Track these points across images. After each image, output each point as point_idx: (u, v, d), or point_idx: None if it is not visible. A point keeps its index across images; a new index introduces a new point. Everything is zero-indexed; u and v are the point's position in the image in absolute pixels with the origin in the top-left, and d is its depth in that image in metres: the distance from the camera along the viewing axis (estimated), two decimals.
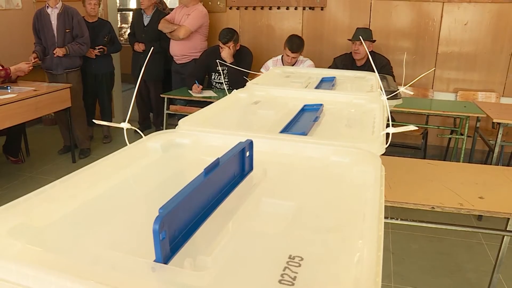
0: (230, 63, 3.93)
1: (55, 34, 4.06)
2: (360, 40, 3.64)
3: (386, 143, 0.87)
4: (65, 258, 0.48)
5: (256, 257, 0.51)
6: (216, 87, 4.26)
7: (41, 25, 4.07)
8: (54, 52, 4.03)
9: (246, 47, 4.29)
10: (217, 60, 3.74)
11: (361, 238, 0.52)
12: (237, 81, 3.83)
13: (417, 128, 0.86)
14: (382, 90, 1.22)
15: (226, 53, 3.94)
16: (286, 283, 0.46)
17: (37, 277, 0.45)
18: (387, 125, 0.92)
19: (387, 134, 0.88)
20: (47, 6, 4.06)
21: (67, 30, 4.08)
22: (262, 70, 3.89)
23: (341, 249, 0.52)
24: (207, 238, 0.54)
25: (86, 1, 4.35)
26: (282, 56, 3.87)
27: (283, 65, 3.88)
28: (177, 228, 0.52)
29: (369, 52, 3.86)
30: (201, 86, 4.03)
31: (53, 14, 4.06)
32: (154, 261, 0.48)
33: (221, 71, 4.07)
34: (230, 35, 3.98)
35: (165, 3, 5.53)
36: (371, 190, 0.65)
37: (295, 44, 3.73)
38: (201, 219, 0.57)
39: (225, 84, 4.12)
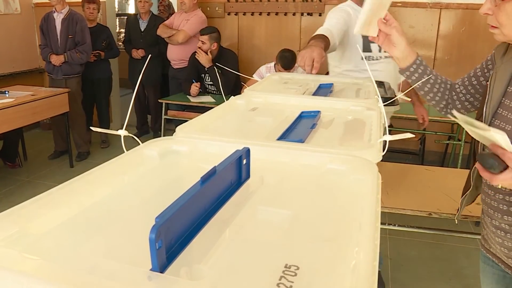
0: (208, 68, 4.02)
1: (58, 39, 4.08)
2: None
3: (383, 151, 0.87)
4: (61, 266, 0.48)
5: (252, 266, 0.52)
6: (209, 89, 4.30)
7: (47, 29, 4.10)
8: (51, 60, 4.04)
9: (230, 50, 4.33)
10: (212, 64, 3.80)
11: (356, 247, 0.52)
12: (225, 85, 3.89)
13: (414, 136, 0.86)
14: (378, 97, 1.22)
15: (203, 58, 4.02)
16: None
17: (33, 286, 0.45)
18: (384, 132, 0.92)
19: (384, 141, 0.88)
20: (54, 11, 4.08)
21: (69, 36, 4.10)
22: (254, 76, 3.91)
23: (337, 258, 0.52)
24: (204, 247, 0.54)
25: (85, 5, 4.36)
26: (275, 64, 3.88)
27: (276, 72, 3.90)
28: (173, 237, 0.52)
29: None
30: (198, 84, 4.08)
31: (58, 19, 4.09)
32: (151, 270, 0.48)
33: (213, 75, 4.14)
34: (208, 29, 4.12)
35: (173, 8, 5.56)
36: (367, 198, 0.65)
37: (288, 62, 3.72)
38: (197, 228, 0.58)
39: (210, 86, 4.21)
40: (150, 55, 4.13)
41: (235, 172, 0.72)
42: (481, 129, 0.84)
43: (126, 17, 7.69)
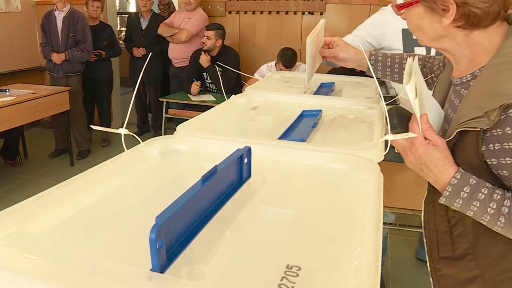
0: (207, 67, 4.04)
1: (59, 38, 4.08)
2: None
3: (385, 150, 0.87)
4: (61, 266, 0.48)
5: (253, 267, 0.51)
6: (210, 88, 4.30)
7: (48, 27, 4.09)
8: (52, 58, 4.04)
9: (232, 48, 4.32)
10: (215, 63, 3.79)
11: (359, 247, 0.51)
12: (226, 83, 3.89)
13: (416, 135, 0.86)
14: (380, 96, 1.21)
15: (203, 59, 4.05)
16: None
17: (32, 286, 0.44)
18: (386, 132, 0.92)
19: (386, 141, 0.88)
20: (55, 9, 4.07)
21: (71, 34, 4.09)
22: (255, 75, 3.90)
23: (339, 258, 0.52)
24: (204, 246, 0.54)
25: (89, 2, 4.35)
26: (276, 63, 3.87)
27: (277, 71, 3.89)
28: (174, 236, 0.51)
29: None
30: (199, 82, 4.08)
31: (59, 17, 4.08)
32: (151, 270, 0.47)
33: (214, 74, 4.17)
34: (215, 25, 4.14)
35: (173, 6, 5.54)
36: (369, 198, 0.64)
37: (289, 60, 3.71)
38: (198, 227, 0.57)
39: (210, 84, 4.21)
40: (151, 54, 4.11)
41: (236, 171, 0.71)
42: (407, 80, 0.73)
43: (127, 15, 7.69)
